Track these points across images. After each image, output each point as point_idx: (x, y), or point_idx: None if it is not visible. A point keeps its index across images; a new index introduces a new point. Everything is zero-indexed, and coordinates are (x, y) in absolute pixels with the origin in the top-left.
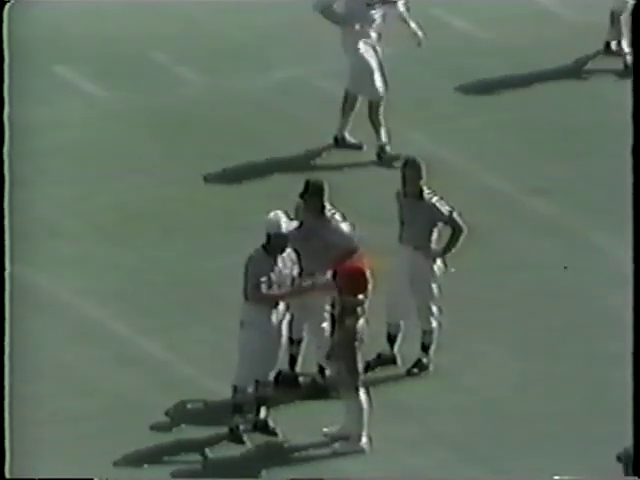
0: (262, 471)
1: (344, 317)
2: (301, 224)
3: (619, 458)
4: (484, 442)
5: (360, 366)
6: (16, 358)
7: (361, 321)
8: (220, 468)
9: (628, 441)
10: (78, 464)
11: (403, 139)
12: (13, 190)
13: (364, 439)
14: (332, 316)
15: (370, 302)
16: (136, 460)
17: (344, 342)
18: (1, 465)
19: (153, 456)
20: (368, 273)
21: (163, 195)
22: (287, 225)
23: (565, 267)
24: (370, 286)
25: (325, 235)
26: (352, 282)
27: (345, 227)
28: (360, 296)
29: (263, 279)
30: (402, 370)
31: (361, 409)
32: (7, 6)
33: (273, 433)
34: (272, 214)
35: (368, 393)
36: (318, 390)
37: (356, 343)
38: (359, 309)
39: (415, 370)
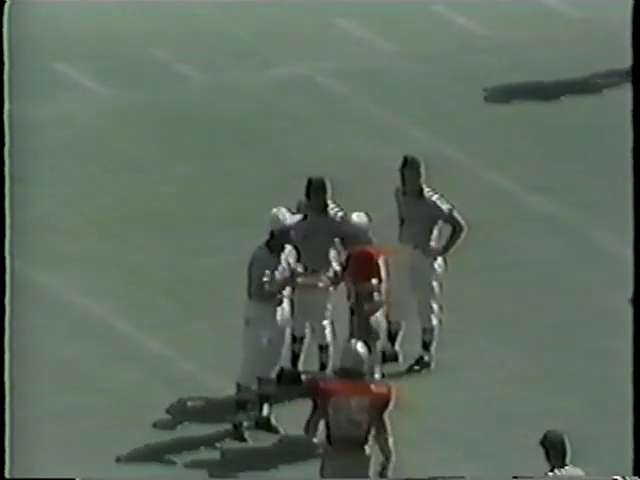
0: (264, 468)
1: (358, 305)
2: (305, 217)
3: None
4: (485, 439)
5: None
6: (17, 355)
7: (378, 314)
8: (222, 465)
9: (616, 436)
10: (79, 462)
11: (403, 137)
12: (14, 187)
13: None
14: (351, 309)
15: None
16: (137, 457)
17: (358, 332)
18: (1, 464)
19: (155, 453)
20: (381, 261)
21: (164, 192)
22: (291, 220)
23: None
24: (383, 273)
25: (335, 230)
26: (364, 266)
27: (359, 218)
28: (373, 281)
29: (267, 278)
30: (403, 367)
31: None
32: (7, 4)
33: (275, 430)
34: (275, 210)
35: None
36: None
37: (371, 335)
38: (374, 296)
39: (416, 367)
